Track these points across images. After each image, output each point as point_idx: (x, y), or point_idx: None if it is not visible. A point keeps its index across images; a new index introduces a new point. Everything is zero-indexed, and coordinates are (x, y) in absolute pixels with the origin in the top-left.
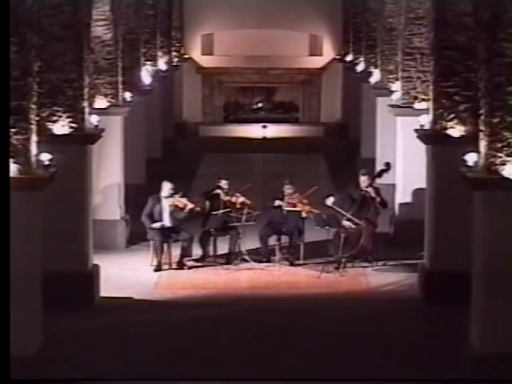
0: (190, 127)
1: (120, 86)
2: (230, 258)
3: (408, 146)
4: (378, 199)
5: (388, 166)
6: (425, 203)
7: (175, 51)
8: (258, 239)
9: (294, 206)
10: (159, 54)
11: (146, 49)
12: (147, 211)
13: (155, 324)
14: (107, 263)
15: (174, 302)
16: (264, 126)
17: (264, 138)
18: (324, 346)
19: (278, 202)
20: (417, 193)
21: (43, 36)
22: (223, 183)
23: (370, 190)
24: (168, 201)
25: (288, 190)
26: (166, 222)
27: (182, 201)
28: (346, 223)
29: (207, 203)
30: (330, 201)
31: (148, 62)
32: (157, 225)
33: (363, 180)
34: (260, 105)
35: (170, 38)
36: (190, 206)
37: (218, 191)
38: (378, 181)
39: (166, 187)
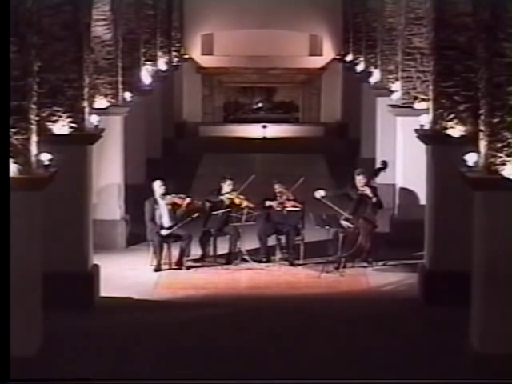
0: (190, 127)
1: (120, 86)
2: (229, 258)
3: (408, 146)
4: (374, 199)
5: (385, 164)
6: (425, 203)
7: (175, 51)
8: (257, 239)
9: (284, 205)
10: (159, 54)
11: (146, 49)
12: (149, 216)
13: (155, 324)
14: (107, 263)
15: (173, 302)
16: (264, 126)
17: (264, 138)
18: (324, 346)
19: (268, 203)
20: (417, 193)
21: (43, 36)
22: (227, 183)
23: (366, 189)
24: (165, 200)
25: (277, 189)
26: (167, 223)
27: (179, 197)
28: (344, 223)
29: (207, 204)
30: (319, 194)
31: (148, 62)
32: (164, 232)
33: (359, 180)
34: (260, 105)
35: (169, 38)
36: (188, 200)
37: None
38: (378, 180)
39: (157, 185)
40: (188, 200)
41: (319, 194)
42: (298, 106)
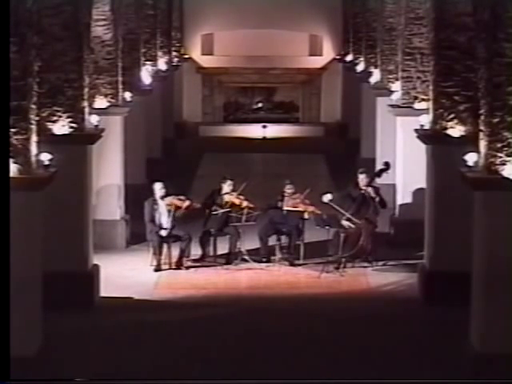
0: (190, 127)
1: (120, 86)
2: (229, 258)
3: (408, 146)
4: (378, 199)
5: (387, 165)
6: (425, 203)
7: (175, 51)
8: (258, 239)
9: (296, 206)
10: (159, 53)
11: (146, 49)
12: (149, 217)
13: (155, 324)
14: (107, 263)
15: (173, 302)
16: (264, 126)
17: (264, 138)
18: (324, 346)
19: (279, 204)
20: (417, 193)
21: (43, 36)
22: (228, 184)
23: (369, 189)
24: (164, 201)
25: (289, 190)
26: (166, 223)
27: (179, 198)
28: (345, 223)
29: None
30: (327, 197)
31: (148, 62)
32: (163, 232)
33: (361, 179)
34: (260, 105)
35: (169, 38)
36: (187, 202)
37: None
38: (378, 180)
39: (158, 188)
40: (188, 202)
41: (327, 197)
42: (298, 106)
